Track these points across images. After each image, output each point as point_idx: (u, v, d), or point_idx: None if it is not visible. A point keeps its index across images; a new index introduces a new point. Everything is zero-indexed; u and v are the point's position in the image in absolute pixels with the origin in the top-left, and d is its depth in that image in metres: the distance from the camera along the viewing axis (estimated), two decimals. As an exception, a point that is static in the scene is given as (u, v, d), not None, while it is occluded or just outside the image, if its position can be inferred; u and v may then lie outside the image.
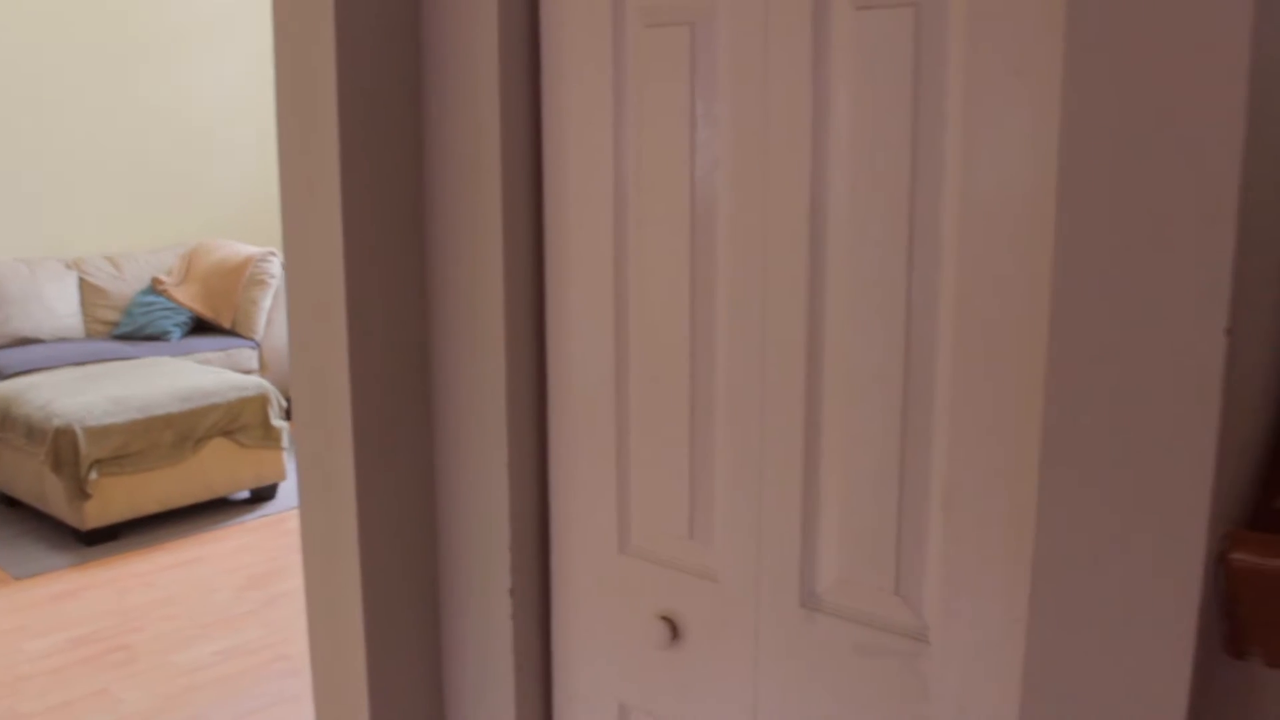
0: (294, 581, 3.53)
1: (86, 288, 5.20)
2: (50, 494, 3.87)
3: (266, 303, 5.33)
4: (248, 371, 5.17)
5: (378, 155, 1.19)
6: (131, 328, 5.14)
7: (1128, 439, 0.83)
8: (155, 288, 5.32)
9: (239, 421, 4.15)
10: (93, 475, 3.76)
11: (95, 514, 3.81)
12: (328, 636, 1.32)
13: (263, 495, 4.32)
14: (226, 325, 5.29)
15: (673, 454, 1.15)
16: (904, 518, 1.01)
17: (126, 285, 5.31)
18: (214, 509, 4.21)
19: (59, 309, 5.04)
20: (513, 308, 1.20)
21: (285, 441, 4.26)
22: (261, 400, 4.21)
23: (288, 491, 4.35)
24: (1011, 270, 0.91)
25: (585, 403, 1.21)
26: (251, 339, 5.29)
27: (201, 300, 5.27)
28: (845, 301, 1.00)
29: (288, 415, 4.21)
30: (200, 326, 5.32)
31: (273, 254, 5.43)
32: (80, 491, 3.75)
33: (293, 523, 4.07)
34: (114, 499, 3.85)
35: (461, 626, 1.32)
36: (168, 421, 3.96)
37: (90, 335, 5.17)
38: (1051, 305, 0.84)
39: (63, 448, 3.74)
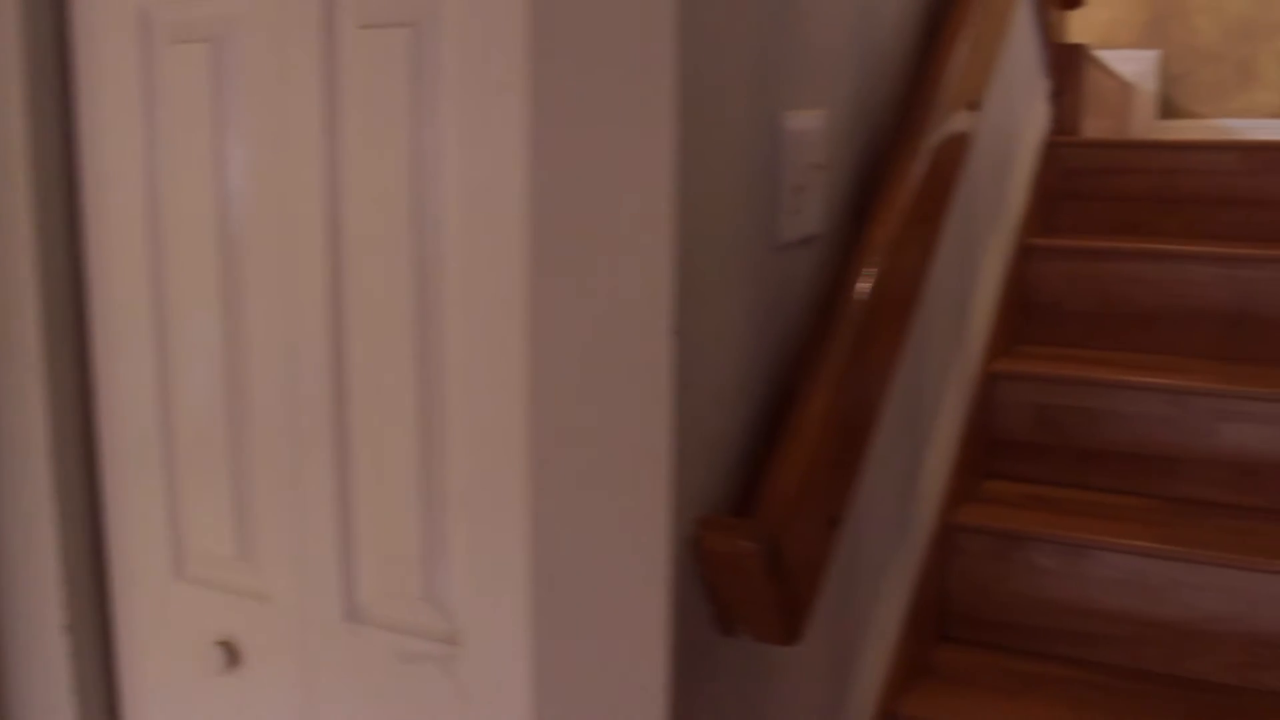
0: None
1: None
2: None
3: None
4: None
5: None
6: None
7: (597, 437, 0.89)
8: None
9: None
10: None
11: None
12: None
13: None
14: None
15: (217, 477, 1.13)
16: (429, 527, 1.04)
17: None
18: None
19: None
20: (53, 332, 1.15)
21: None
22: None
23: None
24: (507, 279, 0.96)
25: (134, 426, 1.17)
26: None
27: None
28: (363, 320, 1.02)
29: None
30: None
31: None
32: None
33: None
34: None
35: (22, 670, 1.25)
36: None
37: None
38: (529, 311, 0.89)
39: None
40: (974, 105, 1.44)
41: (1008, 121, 2.04)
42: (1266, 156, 2.24)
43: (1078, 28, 3.46)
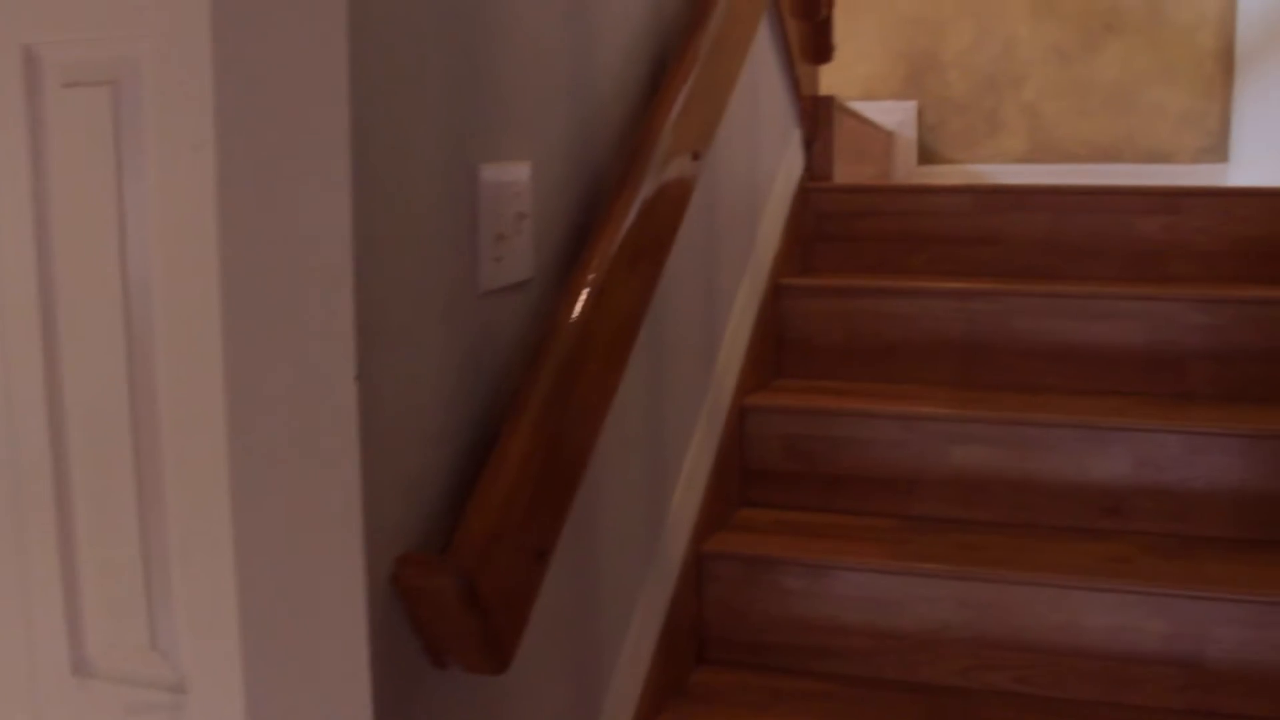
0: None
1: None
2: None
3: None
4: None
5: None
6: None
7: (294, 483, 0.92)
8: None
9: None
10: None
11: None
12: None
13: None
14: None
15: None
16: (152, 578, 1.06)
17: None
18: None
19: None
20: None
21: None
22: None
23: None
24: (209, 336, 0.99)
25: None
26: None
27: None
28: (80, 384, 1.03)
29: None
30: None
31: None
32: None
33: None
34: None
35: None
36: None
37: None
38: (223, 358, 0.92)
39: None
40: (698, 155, 1.54)
41: (756, 168, 2.16)
42: (998, 199, 2.42)
43: (843, 80, 3.68)
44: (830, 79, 3.62)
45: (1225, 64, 3.52)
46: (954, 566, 1.76)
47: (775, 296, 2.24)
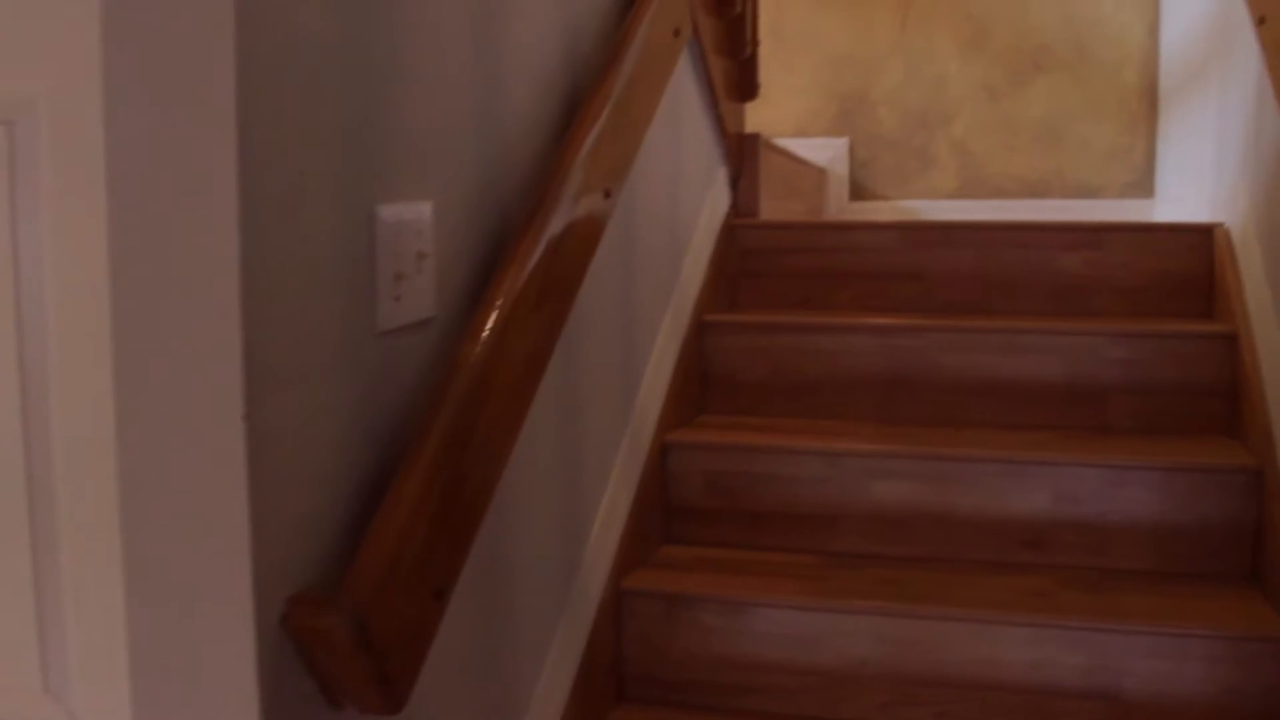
0: None
1: None
2: None
3: None
4: None
5: None
6: None
7: (185, 523, 0.91)
8: None
9: None
10: None
11: None
12: None
13: None
14: None
15: None
16: (45, 620, 1.03)
17: None
18: None
19: None
20: None
21: None
22: None
23: None
24: (101, 378, 0.97)
25: None
26: None
27: None
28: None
29: None
30: None
31: None
32: None
33: None
34: None
35: None
36: None
37: None
38: (114, 399, 0.91)
39: None
40: (609, 192, 1.54)
41: (679, 205, 2.17)
42: (923, 235, 2.45)
43: (777, 117, 3.72)
44: (765, 116, 3.66)
45: (1150, 100, 3.60)
46: (874, 602, 1.76)
47: (699, 333, 2.25)
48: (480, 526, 1.19)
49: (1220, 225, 2.36)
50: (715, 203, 2.44)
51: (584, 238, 1.46)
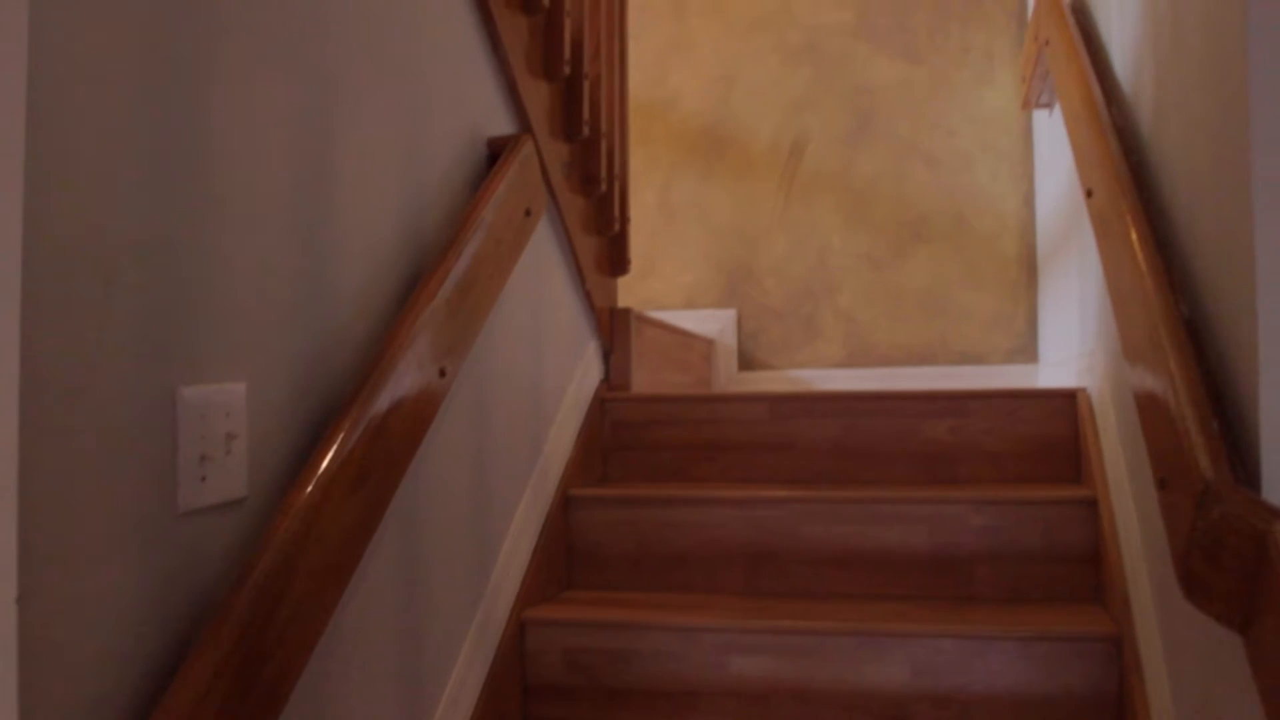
0: None
1: None
2: None
3: None
4: None
5: None
6: None
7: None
8: None
9: None
10: None
11: None
12: None
13: None
14: None
15: None
16: None
17: None
18: None
19: None
20: None
21: None
22: None
23: None
24: None
25: None
26: None
27: None
28: None
29: None
30: None
31: None
32: None
33: None
34: None
35: None
36: None
37: None
38: None
39: None
40: (445, 371, 1.56)
41: (543, 379, 2.20)
42: (790, 406, 2.50)
43: (667, 289, 3.80)
44: (655, 288, 3.74)
45: (1029, 269, 3.74)
46: (728, 782, 1.73)
47: (565, 506, 2.25)
48: (285, 707, 1.16)
49: (1083, 390, 2.43)
50: (585, 376, 2.47)
51: (414, 417, 1.46)
